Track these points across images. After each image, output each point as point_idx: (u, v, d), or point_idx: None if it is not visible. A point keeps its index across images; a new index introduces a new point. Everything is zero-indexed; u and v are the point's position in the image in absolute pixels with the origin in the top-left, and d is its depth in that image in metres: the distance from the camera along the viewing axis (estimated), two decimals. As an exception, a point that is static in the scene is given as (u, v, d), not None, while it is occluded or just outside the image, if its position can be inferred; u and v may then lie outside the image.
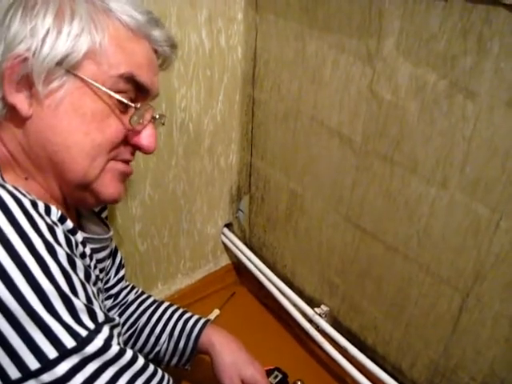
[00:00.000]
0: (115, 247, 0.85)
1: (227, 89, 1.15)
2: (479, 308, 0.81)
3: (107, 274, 0.82)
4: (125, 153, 0.61)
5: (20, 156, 0.56)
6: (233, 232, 1.39)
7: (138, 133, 0.61)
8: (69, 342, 0.45)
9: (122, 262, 0.87)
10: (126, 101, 0.57)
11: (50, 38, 0.52)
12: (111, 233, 0.72)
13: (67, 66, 0.52)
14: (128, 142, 0.61)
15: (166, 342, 0.84)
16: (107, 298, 0.83)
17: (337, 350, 1.08)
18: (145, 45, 0.59)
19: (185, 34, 1.00)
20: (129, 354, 0.52)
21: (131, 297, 0.87)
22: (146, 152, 0.62)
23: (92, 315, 0.48)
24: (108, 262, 0.80)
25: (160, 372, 0.57)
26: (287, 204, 1.17)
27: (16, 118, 0.54)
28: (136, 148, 0.62)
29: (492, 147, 0.71)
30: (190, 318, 0.87)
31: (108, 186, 0.60)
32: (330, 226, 1.07)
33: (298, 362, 1.16)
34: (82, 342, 0.46)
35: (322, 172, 1.03)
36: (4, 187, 0.46)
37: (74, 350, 0.45)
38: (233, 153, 1.26)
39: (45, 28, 0.52)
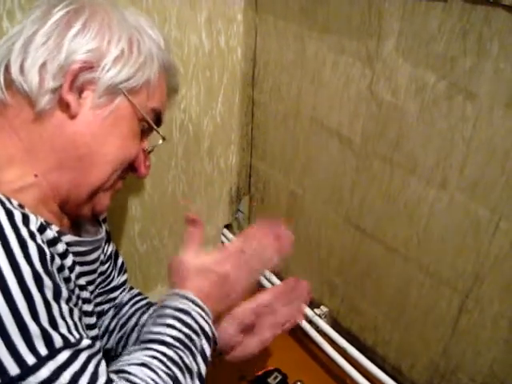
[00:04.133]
0: (116, 250, 0.84)
1: (227, 90, 1.15)
2: (479, 309, 0.81)
3: (108, 277, 0.81)
4: (125, 173, 0.67)
5: (44, 151, 0.58)
6: (232, 233, 1.39)
7: (142, 159, 0.68)
8: (13, 370, 0.43)
9: (124, 266, 0.86)
10: (160, 132, 0.67)
11: (122, 60, 0.59)
12: (103, 233, 0.71)
13: (125, 89, 0.60)
14: (132, 164, 0.67)
15: None
16: (106, 302, 0.82)
17: (336, 350, 1.08)
18: (165, 86, 0.68)
19: (184, 35, 1.00)
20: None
21: (126, 297, 0.86)
22: (141, 177, 0.69)
23: (48, 341, 0.45)
24: (109, 264, 0.80)
25: None
26: (287, 205, 1.17)
27: (59, 114, 0.58)
28: (133, 171, 0.68)
29: (491, 148, 0.71)
30: None
31: (106, 200, 0.66)
32: (329, 226, 1.07)
33: (298, 363, 1.16)
34: (27, 371, 0.43)
35: (321, 173, 1.03)
36: None
37: (17, 379, 0.43)
38: (232, 154, 1.26)
39: (119, 49, 0.59)
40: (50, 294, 0.47)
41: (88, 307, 0.66)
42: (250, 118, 1.20)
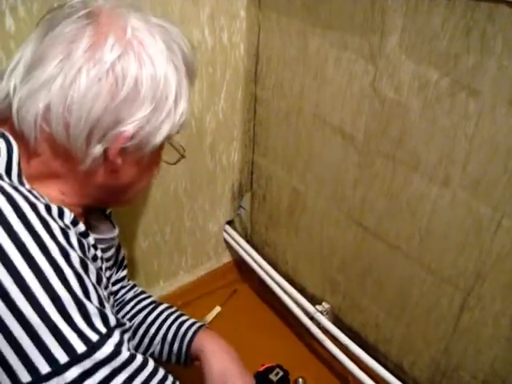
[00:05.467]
0: (118, 245, 0.85)
1: (229, 86, 1.15)
2: (480, 307, 0.81)
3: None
4: None
5: (78, 187, 0.60)
6: (234, 229, 1.39)
7: None
8: (80, 347, 0.46)
9: (125, 262, 0.87)
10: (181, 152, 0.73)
11: (168, 120, 0.58)
12: (117, 231, 0.72)
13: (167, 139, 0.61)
14: None
15: (160, 345, 0.82)
16: None
17: (338, 347, 1.08)
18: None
19: (187, 31, 1.00)
20: (139, 359, 0.52)
21: (129, 295, 0.86)
22: None
23: (104, 319, 0.49)
24: (113, 260, 0.81)
25: (171, 378, 0.58)
26: (289, 201, 1.17)
27: (102, 170, 0.59)
28: None
29: (494, 146, 0.71)
30: (185, 321, 0.84)
31: None
32: (331, 223, 1.07)
33: (299, 360, 1.17)
34: (93, 348, 0.47)
35: (324, 170, 1.03)
36: (19, 191, 0.48)
37: (84, 356, 0.46)
38: (235, 150, 1.26)
39: (165, 111, 0.57)
40: (94, 279, 0.51)
41: None
42: (252, 115, 1.20)
